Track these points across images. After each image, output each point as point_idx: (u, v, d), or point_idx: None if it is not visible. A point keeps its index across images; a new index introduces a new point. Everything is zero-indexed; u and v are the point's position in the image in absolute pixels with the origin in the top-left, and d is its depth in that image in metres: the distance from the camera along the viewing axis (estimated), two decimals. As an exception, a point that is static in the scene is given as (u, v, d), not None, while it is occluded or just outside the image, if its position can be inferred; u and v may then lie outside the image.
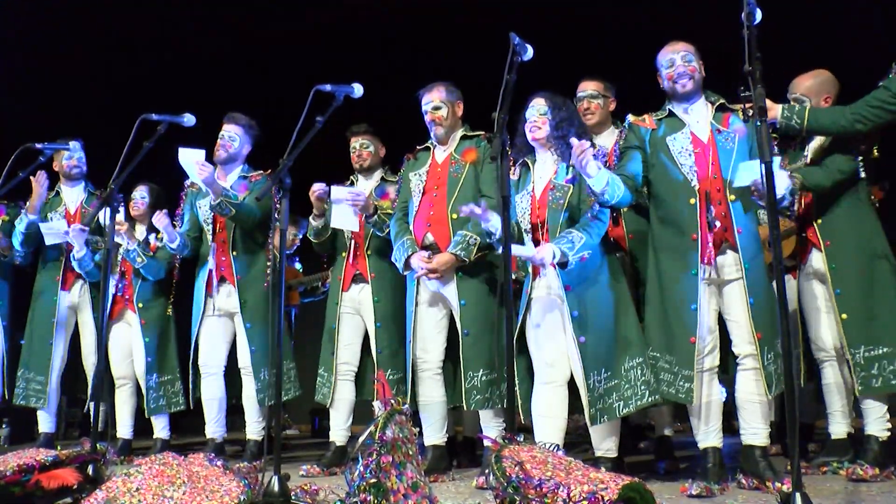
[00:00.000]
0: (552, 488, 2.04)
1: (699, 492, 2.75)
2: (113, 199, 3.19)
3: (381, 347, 3.81)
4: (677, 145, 3.07)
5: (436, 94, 3.62)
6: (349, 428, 3.92)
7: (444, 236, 3.51)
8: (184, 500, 2.29)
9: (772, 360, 2.91)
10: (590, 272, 3.05)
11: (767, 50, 2.34)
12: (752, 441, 2.95)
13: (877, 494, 2.72)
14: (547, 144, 3.19)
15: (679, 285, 2.99)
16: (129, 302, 4.52)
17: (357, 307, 3.92)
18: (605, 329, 3.02)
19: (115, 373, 4.54)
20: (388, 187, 3.96)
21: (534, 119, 3.17)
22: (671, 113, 3.16)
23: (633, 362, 2.99)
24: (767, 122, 2.31)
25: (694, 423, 3.03)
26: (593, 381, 2.96)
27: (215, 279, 4.14)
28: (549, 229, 3.08)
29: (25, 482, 2.62)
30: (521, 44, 2.76)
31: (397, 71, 5.54)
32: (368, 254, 3.89)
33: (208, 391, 4.19)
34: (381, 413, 2.09)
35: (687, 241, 2.98)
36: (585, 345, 2.98)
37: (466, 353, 3.42)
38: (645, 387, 2.96)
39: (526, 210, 3.17)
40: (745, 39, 2.34)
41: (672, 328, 2.99)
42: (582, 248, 2.96)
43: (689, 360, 2.94)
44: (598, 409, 2.96)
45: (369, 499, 1.97)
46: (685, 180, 3.02)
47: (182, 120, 3.42)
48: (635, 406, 2.97)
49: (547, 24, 5.13)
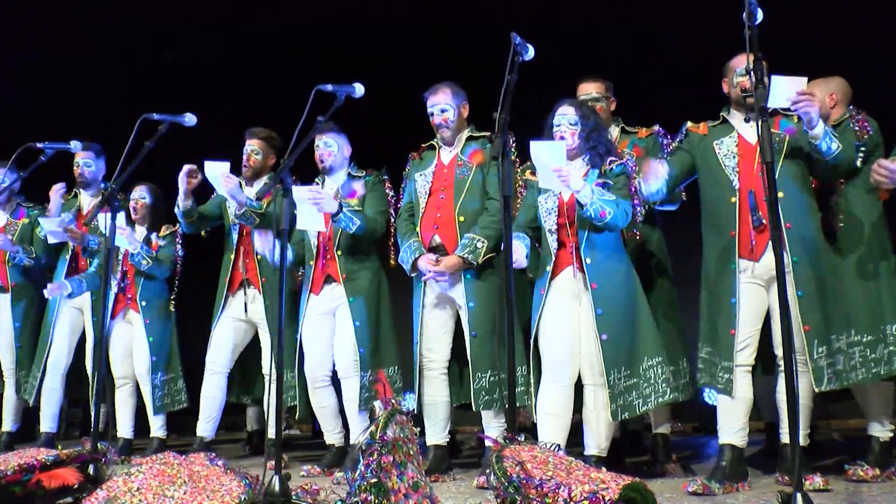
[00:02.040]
0: (553, 488, 2.04)
1: (696, 489, 2.80)
2: (114, 199, 3.18)
3: (362, 347, 3.75)
4: (724, 149, 3.15)
5: (441, 96, 3.59)
6: (342, 428, 3.91)
7: (451, 238, 3.50)
8: (184, 499, 2.29)
9: (823, 355, 2.94)
10: (614, 272, 3.10)
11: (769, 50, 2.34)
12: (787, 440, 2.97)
13: (877, 495, 2.72)
14: (577, 153, 3.20)
15: (721, 280, 3.09)
16: (132, 301, 4.52)
17: (331, 307, 3.84)
18: (626, 328, 3.07)
19: (115, 372, 4.53)
20: (355, 183, 3.88)
21: (562, 129, 3.18)
22: (724, 120, 3.22)
23: (652, 361, 3.05)
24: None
25: (719, 418, 3.06)
26: (614, 378, 3.01)
27: (240, 284, 4.16)
28: (577, 230, 3.11)
29: (26, 482, 2.62)
30: (523, 43, 2.76)
31: (397, 71, 5.56)
32: (339, 254, 3.80)
33: (209, 389, 4.18)
34: (382, 413, 2.10)
35: (726, 237, 3.09)
36: (608, 342, 3.02)
37: (474, 354, 3.42)
38: (666, 384, 3.04)
39: (552, 210, 3.17)
40: (747, 39, 2.34)
41: (715, 321, 3.10)
42: (607, 204, 2.99)
43: (729, 352, 3.03)
44: (620, 406, 3.01)
45: (370, 498, 1.97)
46: (727, 180, 3.11)
47: (183, 120, 3.41)
48: (655, 403, 3.05)
49: (547, 24, 5.13)
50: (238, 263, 4.18)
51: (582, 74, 3.77)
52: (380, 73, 5.08)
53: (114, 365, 4.52)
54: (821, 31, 4.81)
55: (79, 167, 4.69)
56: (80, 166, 4.68)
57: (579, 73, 3.77)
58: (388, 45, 5.84)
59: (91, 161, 4.70)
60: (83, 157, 4.67)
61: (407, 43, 5.82)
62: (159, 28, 6.06)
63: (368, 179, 3.90)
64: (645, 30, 5.42)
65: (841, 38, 4.68)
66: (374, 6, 5.78)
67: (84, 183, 4.72)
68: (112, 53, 6.10)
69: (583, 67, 3.83)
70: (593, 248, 3.09)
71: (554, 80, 3.72)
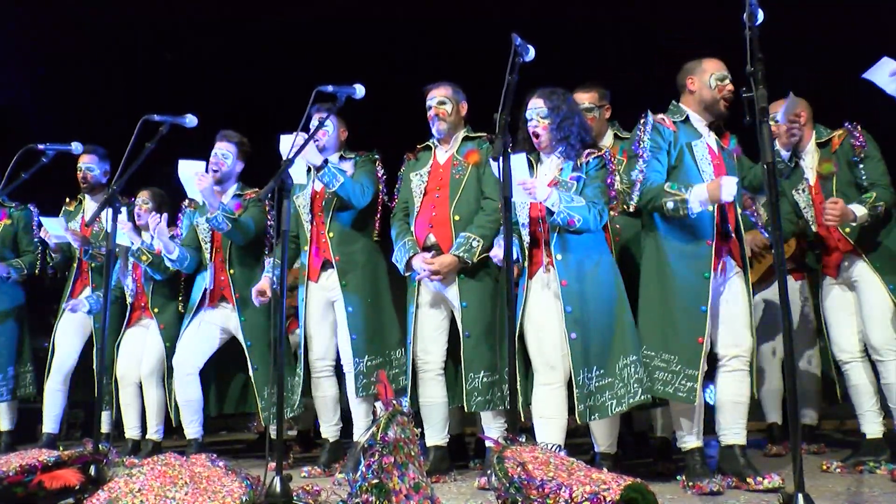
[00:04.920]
0: (554, 489, 2.05)
1: (717, 488, 2.79)
2: (115, 201, 3.18)
3: (355, 333, 3.73)
4: (699, 152, 3.10)
5: (442, 90, 3.62)
6: (339, 420, 3.90)
7: (446, 238, 3.50)
8: (186, 500, 2.30)
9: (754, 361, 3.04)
10: (588, 269, 3.04)
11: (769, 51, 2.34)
12: (734, 441, 2.99)
13: (879, 495, 2.72)
14: (549, 147, 3.19)
15: (690, 287, 3.00)
16: (146, 309, 4.50)
17: (330, 296, 3.83)
18: (601, 327, 3.00)
19: (121, 375, 4.52)
20: (343, 164, 3.86)
21: (534, 123, 3.15)
22: (688, 119, 3.17)
23: (628, 360, 2.98)
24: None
25: (685, 424, 3.03)
26: (583, 378, 2.94)
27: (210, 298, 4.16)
28: (549, 224, 3.07)
29: (28, 482, 2.62)
30: (523, 44, 2.76)
31: (397, 71, 5.56)
32: (331, 236, 3.79)
33: (190, 393, 4.15)
34: (383, 414, 2.10)
35: (703, 245, 3.02)
36: (576, 341, 2.96)
37: (467, 354, 3.42)
38: (638, 385, 2.94)
39: (525, 204, 3.13)
40: (747, 40, 2.34)
41: (677, 328, 3.00)
42: (576, 211, 2.95)
43: (695, 360, 2.95)
44: (588, 407, 2.94)
45: (371, 499, 1.98)
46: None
47: (184, 121, 3.42)
48: (628, 404, 2.95)
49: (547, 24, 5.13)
50: (217, 277, 4.17)
51: (582, 74, 3.77)
52: (380, 73, 5.08)
53: (125, 368, 4.51)
54: (821, 31, 4.82)
55: (82, 171, 4.64)
56: (84, 171, 4.64)
57: (579, 73, 3.78)
58: (388, 45, 5.84)
59: (94, 165, 4.66)
60: (86, 162, 4.63)
61: (407, 43, 5.82)
62: (159, 28, 6.06)
63: (357, 159, 3.91)
64: (645, 30, 5.42)
65: (841, 38, 4.69)
66: (374, 6, 5.78)
67: (88, 187, 4.68)
68: (112, 54, 6.10)
69: (583, 67, 3.85)
70: (565, 244, 3.04)
71: (554, 81, 3.72)
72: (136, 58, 6.26)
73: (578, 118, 3.19)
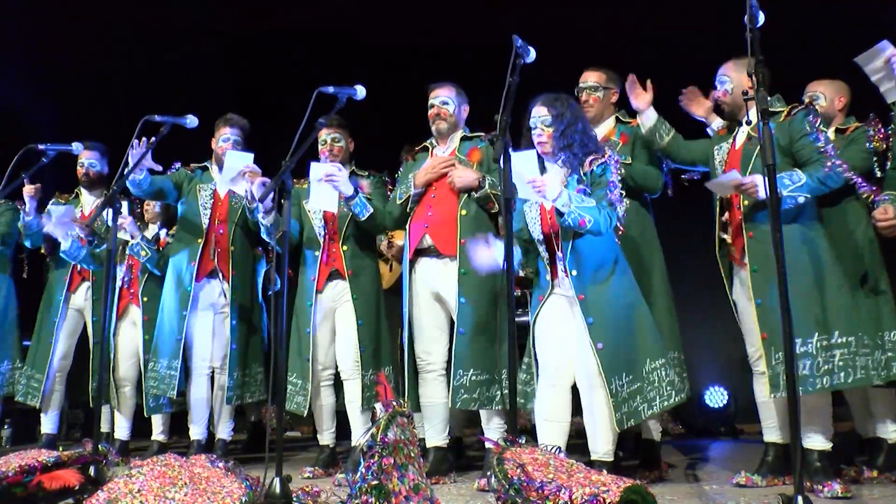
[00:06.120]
0: (554, 491, 2.04)
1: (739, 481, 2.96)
2: (115, 200, 3.18)
3: (363, 346, 3.74)
4: (720, 155, 3.19)
5: (446, 90, 3.63)
6: (335, 429, 3.91)
7: (444, 239, 3.49)
8: (185, 501, 2.29)
9: (779, 361, 2.90)
10: (603, 279, 2.99)
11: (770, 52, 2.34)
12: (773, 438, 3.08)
13: (878, 498, 2.72)
14: (552, 154, 3.11)
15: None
16: (135, 297, 4.51)
17: (333, 305, 3.84)
18: (624, 333, 2.96)
19: (119, 373, 4.52)
20: (361, 181, 3.86)
21: (538, 132, 3.09)
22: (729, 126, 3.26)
23: (656, 364, 2.96)
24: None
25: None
26: (616, 387, 2.90)
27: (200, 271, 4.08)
28: (563, 239, 3.02)
29: (27, 483, 2.62)
30: (524, 46, 2.76)
31: (397, 71, 5.56)
32: (345, 249, 3.81)
33: (199, 391, 4.14)
34: (383, 415, 2.10)
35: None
36: (604, 351, 2.91)
37: (458, 351, 3.40)
38: (670, 387, 2.95)
39: (536, 220, 3.08)
40: (748, 42, 2.34)
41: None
42: (587, 211, 2.86)
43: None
44: (624, 413, 2.90)
45: (371, 500, 1.97)
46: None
47: (185, 121, 3.41)
48: (660, 407, 2.95)
49: (547, 24, 5.13)
50: (208, 251, 4.11)
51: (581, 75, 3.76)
52: (380, 73, 5.08)
53: (119, 366, 4.51)
54: (820, 32, 4.82)
55: (83, 167, 4.63)
56: (85, 166, 4.63)
57: (579, 73, 3.77)
58: (388, 45, 5.84)
59: (96, 161, 4.65)
60: (88, 157, 4.63)
61: (407, 43, 5.82)
62: (159, 28, 6.06)
63: (374, 179, 3.94)
64: (645, 30, 5.42)
65: (841, 39, 4.68)
66: (374, 6, 5.79)
67: (88, 183, 4.67)
68: (112, 54, 6.11)
69: (583, 67, 3.82)
70: (579, 257, 2.99)
71: (554, 81, 3.71)
72: (136, 58, 6.27)
73: (582, 125, 3.11)
